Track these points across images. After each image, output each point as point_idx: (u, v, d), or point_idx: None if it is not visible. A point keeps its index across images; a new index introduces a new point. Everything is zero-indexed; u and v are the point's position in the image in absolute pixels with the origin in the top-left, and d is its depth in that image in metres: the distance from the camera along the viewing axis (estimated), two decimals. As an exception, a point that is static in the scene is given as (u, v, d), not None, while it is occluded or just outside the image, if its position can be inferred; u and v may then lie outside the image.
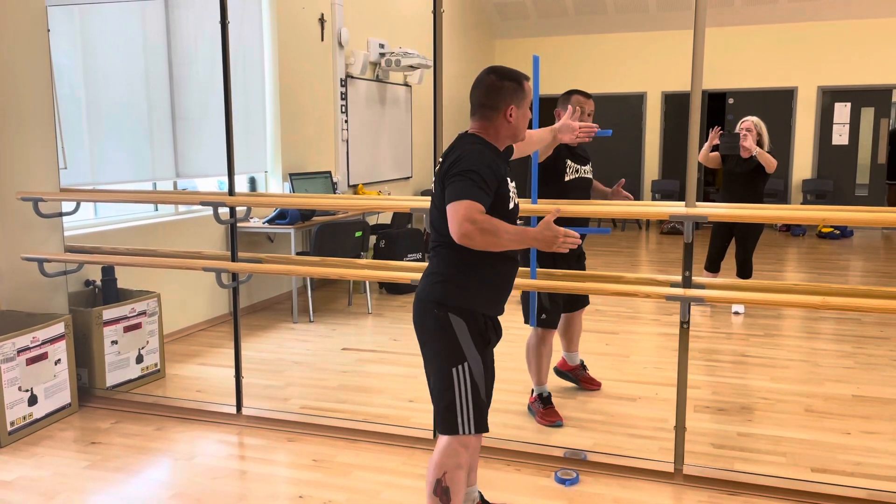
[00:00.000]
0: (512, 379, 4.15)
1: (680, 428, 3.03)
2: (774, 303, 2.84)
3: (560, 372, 4.13)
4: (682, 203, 2.95)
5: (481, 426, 2.31)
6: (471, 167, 2.12)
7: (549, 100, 11.57)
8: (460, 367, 2.25)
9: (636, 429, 3.54)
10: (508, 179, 2.28)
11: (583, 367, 4.12)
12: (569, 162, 3.61)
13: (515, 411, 3.74)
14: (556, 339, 3.90)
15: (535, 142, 2.76)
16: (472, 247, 2.09)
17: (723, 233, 5.63)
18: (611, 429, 3.56)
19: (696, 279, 2.95)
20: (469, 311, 2.25)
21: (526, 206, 2.99)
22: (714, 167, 5.56)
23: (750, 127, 5.27)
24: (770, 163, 5.17)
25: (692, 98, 2.88)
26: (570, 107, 3.55)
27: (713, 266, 5.71)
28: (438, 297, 2.25)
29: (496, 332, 2.40)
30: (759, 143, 5.29)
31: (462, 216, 2.05)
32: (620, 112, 11.18)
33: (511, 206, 2.27)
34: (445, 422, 2.29)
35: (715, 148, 5.46)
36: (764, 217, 3.12)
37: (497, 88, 2.23)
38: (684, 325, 2.93)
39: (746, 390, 4.06)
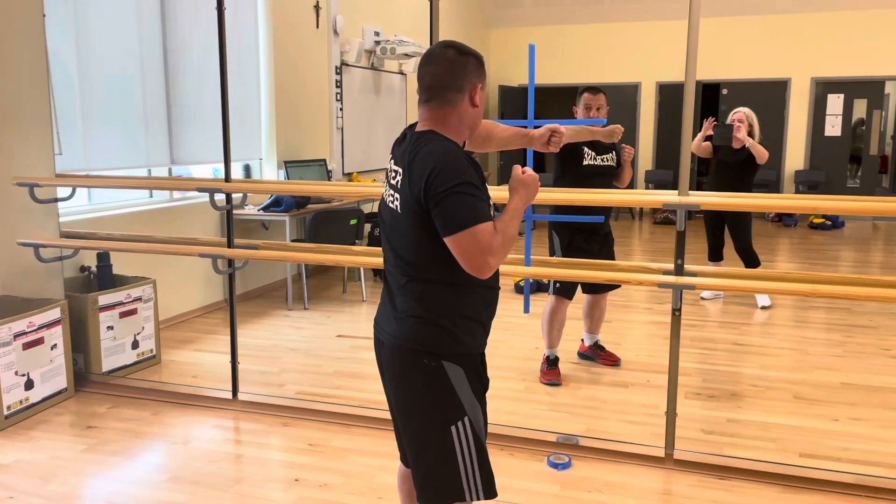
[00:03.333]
0: (506, 366, 4.20)
1: (671, 413, 3.07)
2: (764, 291, 2.88)
3: (581, 354, 4.39)
4: (676, 192, 2.98)
5: (491, 489, 1.89)
6: (461, 177, 1.70)
7: (544, 90, 11.51)
8: (460, 423, 1.84)
9: (628, 415, 3.59)
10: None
11: (598, 346, 4.33)
12: (586, 149, 3.83)
13: (510, 397, 3.78)
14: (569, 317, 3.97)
15: (500, 139, 2.24)
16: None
17: (712, 221, 5.68)
18: (603, 415, 3.60)
19: (688, 267, 2.99)
20: (464, 354, 1.86)
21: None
22: (705, 156, 5.60)
23: (742, 118, 5.32)
24: (761, 153, 5.22)
25: (686, 88, 2.91)
26: (577, 109, 3.88)
27: (715, 255, 5.74)
28: (427, 345, 1.82)
29: (485, 368, 2.01)
30: (751, 135, 5.35)
31: (480, 250, 1.69)
32: (615, 102, 11.13)
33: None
34: (444, 489, 1.86)
35: (708, 138, 5.50)
36: (754, 206, 3.16)
37: (462, 65, 1.81)
38: (676, 312, 2.97)
39: (737, 377, 4.11)
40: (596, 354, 4.32)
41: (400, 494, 2.16)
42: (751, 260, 5.58)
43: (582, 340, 4.39)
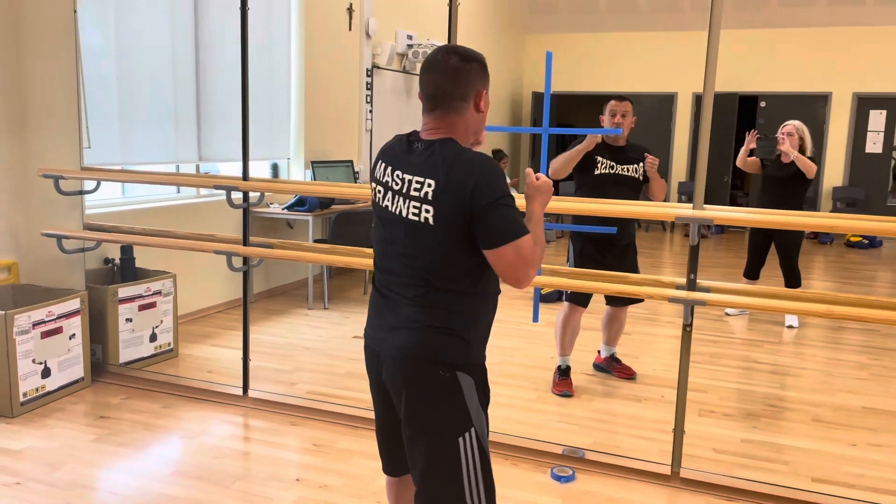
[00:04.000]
0: (520, 375, 4.16)
1: (679, 430, 3.01)
2: (777, 309, 2.81)
3: (596, 366, 4.34)
4: (691, 205, 2.93)
5: (492, 502, 1.85)
6: (503, 189, 1.71)
7: (578, 97, 11.49)
8: (467, 434, 1.80)
9: (638, 430, 3.53)
10: None
11: (614, 359, 4.28)
12: (599, 158, 3.82)
13: (520, 406, 3.74)
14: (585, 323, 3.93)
15: None
16: None
17: (760, 241, 5.48)
18: (613, 428, 3.55)
19: (702, 282, 2.93)
20: (475, 364, 1.84)
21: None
22: (753, 172, 5.45)
23: (791, 131, 5.17)
24: (809, 167, 5.06)
25: (704, 99, 2.86)
26: (604, 118, 3.91)
27: (752, 273, 5.57)
28: (442, 355, 1.79)
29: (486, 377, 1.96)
30: (802, 148, 5.18)
31: (523, 262, 1.70)
32: (650, 112, 11.06)
33: None
34: (446, 502, 1.82)
35: (752, 153, 5.37)
36: (776, 223, 3.08)
37: (466, 71, 1.79)
38: (687, 328, 2.91)
39: (755, 397, 4.02)
40: (611, 367, 4.26)
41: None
42: (792, 278, 5.39)
43: (598, 352, 4.34)
